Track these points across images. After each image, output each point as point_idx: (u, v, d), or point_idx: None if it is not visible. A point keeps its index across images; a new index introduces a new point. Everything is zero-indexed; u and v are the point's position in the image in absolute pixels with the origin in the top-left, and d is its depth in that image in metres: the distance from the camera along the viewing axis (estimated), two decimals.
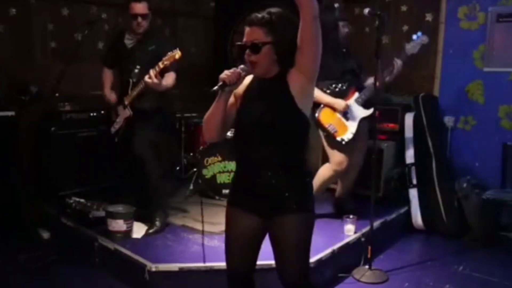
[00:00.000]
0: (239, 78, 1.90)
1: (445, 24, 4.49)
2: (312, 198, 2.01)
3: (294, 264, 1.98)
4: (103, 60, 3.80)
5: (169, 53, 3.24)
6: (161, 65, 3.25)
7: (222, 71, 3.33)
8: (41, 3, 4.38)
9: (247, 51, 1.87)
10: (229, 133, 4.30)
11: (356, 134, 3.65)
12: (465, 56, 4.38)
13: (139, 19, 3.42)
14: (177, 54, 3.23)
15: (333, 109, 3.63)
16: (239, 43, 1.91)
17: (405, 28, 4.68)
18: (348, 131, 3.63)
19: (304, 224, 1.97)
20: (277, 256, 2.02)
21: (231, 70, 1.88)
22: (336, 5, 3.70)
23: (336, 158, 3.63)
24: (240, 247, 2.04)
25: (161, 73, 3.31)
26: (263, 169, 1.91)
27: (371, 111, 3.69)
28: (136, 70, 3.46)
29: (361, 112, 3.70)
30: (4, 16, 4.17)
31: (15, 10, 4.23)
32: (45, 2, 4.41)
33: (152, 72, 3.24)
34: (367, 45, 4.38)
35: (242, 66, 1.89)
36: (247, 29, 1.89)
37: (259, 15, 1.87)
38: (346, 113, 3.67)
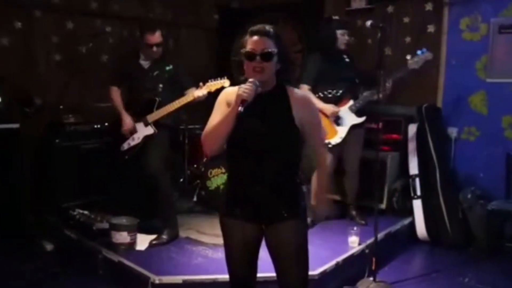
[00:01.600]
0: (255, 92, 1.91)
1: (447, 35, 4.50)
2: (304, 206, 2.06)
3: (294, 271, 2.02)
4: (112, 79, 3.72)
5: (218, 80, 3.38)
6: (205, 89, 3.39)
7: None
8: (45, 16, 4.44)
9: (257, 58, 1.91)
10: None
11: (345, 140, 3.80)
12: (468, 67, 4.39)
13: (155, 48, 3.50)
14: (226, 82, 3.34)
15: (324, 114, 3.74)
16: (248, 50, 1.93)
17: (408, 39, 4.70)
18: (337, 135, 3.81)
19: (297, 230, 2.02)
20: (277, 265, 2.06)
21: (247, 86, 1.89)
22: (334, 17, 3.78)
23: None
24: (240, 255, 2.08)
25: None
26: (258, 179, 1.95)
27: (362, 119, 3.85)
28: (160, 89, 3.53)
29: (352, 119, 3.85)
30: (9, 29, 4.22)
31: (20, 24, 4.28)
32: (50, 15, 4.47)
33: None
34: (370, 57, 4.40)
35: (251, 80, 1.91)
36: (254, 38, 1.93)
37: (267, 27, 1.96)
38: (337, 119, 3.83)
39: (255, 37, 1.93)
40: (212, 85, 3.40)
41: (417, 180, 4.24)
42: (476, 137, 4.41)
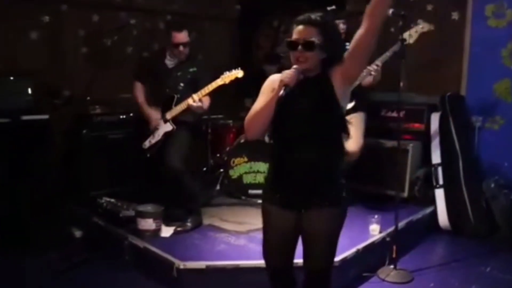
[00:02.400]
0: (297, 78, 1.94)
1: (471, 22, 4.43)
2: (345, 196, 2.08)
3: (323, 256, 2.08)
4: (136, 74, 3.82)
5: (232, 71, 3.44)
6: (220, 82, 3.45)
7: (246, 73, 3.41)
8: (72, 10, 4.55)
9: (299, 47, 1.93)
10: None
11: None
12: (493, 54, 4.30)
13: (181, 47, 3.57)
14: (240, 73, 3.42)
15: None
16: (290, 39, 1.96)
17: (431, 27, 4.61)
18: None
19: (335, 219, 2.06)
20: (306, 249, 2.10)
21: (290, 72, 1.92)
22: (328, 8, 3.76)
23: None
24: (279, 244, 2.12)
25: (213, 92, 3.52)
26: (303, 166, 1.98)
27: (352, 104, 3.72)
28: (180, 88, 3.63)
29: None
30: (37, 24, 4.35)
31: (48, 18, 4.41)
32: (76, 9, 4.58)
33: (196, 96, 3.44)
34: (392, 45, 4.37)
35: (295, 66, 1.93)
36: (298, 27, 1.95)
37: (312, 16, 1.95)
38: None
39: (300, 27, 1.94)
40: (227, 76, 3.47)
41: (440, 169, 4.21)
42: (500, 126, 4.34)
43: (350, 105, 3.74)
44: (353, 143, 3.61)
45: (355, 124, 3.67)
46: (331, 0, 5.16)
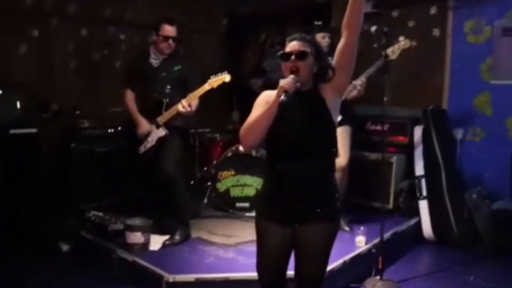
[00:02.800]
0: (296, 86, 2.00)
1: (452, 38, 4.59)
2: (339, 209, 2.15)
3: (315, 268, 2.12)
4: (126, 82, 3.80)
5: (219, 75, 3.45)
6: (207, 86, 3.46)
7: (235, 86, 3.47)
8: (61, 24, 4.60)
9: (292, 58, 2.02)
10: (241, 148, 4.45)
11: None
12: (473, 69, 4.46)
13: (170, 41, 3.60)
14: (227, 77, 3.45)
15: None
16: (283, 51, 2.06)
17: (413, 43, 4.77)
18: None
19: (329, 232, 2.11)
20: (299, 260, 2.14)
21: (289, 79, 1.99)
22: (315, 22, 3.85)
23: None
24: (273, 259, 2.15)
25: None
26: (297, 179, 2.04)
27: (339, 117, 3.75)
28: (167, 91, 3.63)
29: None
30: (26, 37, 4.39)
31: (37, 32, 4.44)
32: (66, 23, 4.63)
33: (185, 102, 3.46)
34: (375, 60, 4.48)
35: (292, 75, 2.01)
36: (291, 42, 2.07)
37: (303, 34, 2.10)
38: None
39: (293, 42, 2.06)
40: (214, 81, 3.49)
41: (423, 181, 4.31)
42: (481, 138, 4.48)
43: (338, 119, 3.81)
44: (341, 157, 3.68)
45: (343, 138, 3.77)
46: (316, 16, 5.32)
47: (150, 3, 5.28)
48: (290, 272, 2.22)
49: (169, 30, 3.58)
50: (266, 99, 2.12)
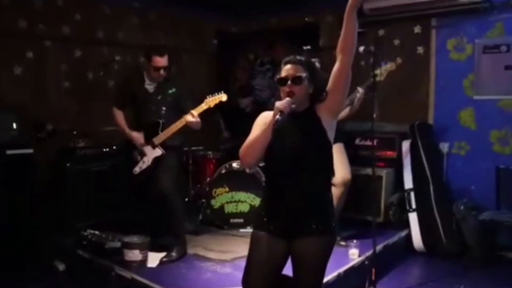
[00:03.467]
0: (290, 108, 2.11)
1: (435, 56, 4.77)
2: (335, 224, 2.23)
3: (312, 280, 2.18)
4: (115, 101, 3.86)
5: (215, 95, 3.56)
6: (204, 106, 3.57)
7: (225, 105, 3.57)
8: (55, 45, 4.67)
9: (289, 83, 2.14)
10: (235, 164, 4.53)
11: None
12: (456, 85, 4.64)
13: (161, 71, 3.68)
14: (224, 97, 3.57)
15: None
16: (280, 76, 2.17)
17: (399, 61, 4.94)
18: None
19: (326, 246, 2.19)
20: (296, 272, 2.20)
21: (284, 101, 2.09)
22: (304, 47, 4.01)
23: None
24: (263, 273, 2.18)
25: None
26: (294, 195, 2.13)
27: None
28: (163, 112, 3.71)
29: None
30: (21, 59, 4.45)
31: (32, 53, 4.51)
32: (59, 44, 4.70)
33: (195, 112, 3.54)
34: (363, 78, 4.63)
35: (288, 98, 2.11)
36: (286, 66, 2.18)
37: (298, 57, 2.21)
38: None
39: (288, 66, 2.17)
40: (211, 100, 3.60)
41: (412, 194, 4.44)
42: (466, 152, 4.63)
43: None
44: (342, 171, 3.82)
45: (340, 154, 3.88)
46: (304, 35, 5.48)
47: (141, 24, 5.40)
48: None
49: (159, 61, 3.63)
50: (264, 119, 2.22)
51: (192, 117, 3.56)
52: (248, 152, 2.18)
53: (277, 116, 2.05)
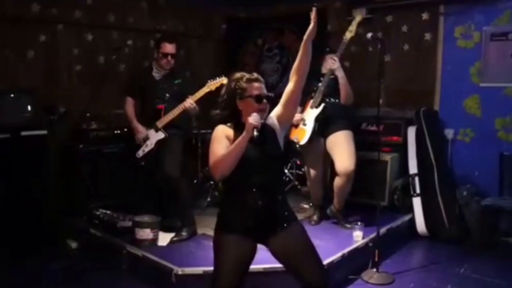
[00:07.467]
0: (260, 123, 2.24)
1: (443, 43, 4.79)
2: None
3: (315, 264, 2.27)
4: (128, 90, 4.03)
5: (216, 79, 3.66)
6: (206, 89, 3.67)
7: None
8: (67, 29, 4.75)
9: (264, 101, 2.31)
10: None
11: (313, 135, 4.00)
12: (462, 72, 4.66)
13: (169, 57, 3.83)
14: (224, 80, 3.60)
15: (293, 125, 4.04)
16: (257, 94, 2.30)
17: (406, 47, 4.99)
18: (305, 135, 4.02)
19: (301, 230, 2.35)
20: (295, 267, 2.28)
21: (257, 117, 2.21)
22: (327, 49, 4.08)
23: None
24: (234, 272, 2.22)
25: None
26: (263, 194, 2.27)
27: (321, 107, 3.99)
28: (167, 98, 3.85)
29: (314, 113, 4.02)
30: (34, 43, 4.53)
31: (44, 37, 4.58)
32: (71, 28, 4.77)
33: (191, 100, 3.66)
34: (371, 63, 4.69)
35: (255, 114, 2.23)
36: (256, 84, 2.33)
37: (259, 76, 2.39)
38: (304, 121, 4.05)
39: (256, 84, 2.33)
40: (212, 84, 3.69)
41: (417, 179, 4.49)
42: (471, 138, 4.68)
43: (319, 109, 4.01)
44: (347, 161, 3.89)
45: (347, 143, 3.95)
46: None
47: (151, 9, 5.45)
48: None
49: (168, 47, 3.81)
50: (223, 132, 2.32)
51: (189, 103, 3.68)
52: (222, 166, 2.23)
53: (255, 133, 2.18)
